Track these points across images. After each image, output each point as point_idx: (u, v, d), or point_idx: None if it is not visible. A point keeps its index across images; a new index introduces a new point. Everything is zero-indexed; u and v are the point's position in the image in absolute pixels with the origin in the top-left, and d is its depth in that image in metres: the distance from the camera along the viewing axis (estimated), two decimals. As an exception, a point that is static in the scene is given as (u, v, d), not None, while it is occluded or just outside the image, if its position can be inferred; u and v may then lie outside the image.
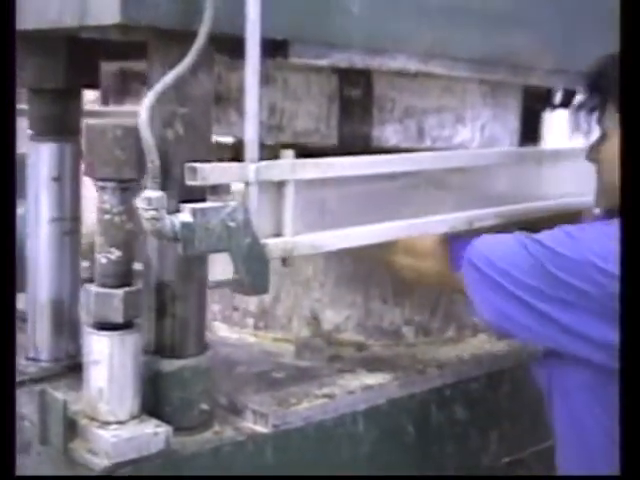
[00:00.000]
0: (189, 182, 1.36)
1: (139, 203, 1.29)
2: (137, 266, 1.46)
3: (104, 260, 1.39)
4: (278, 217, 1.49)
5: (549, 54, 1.88)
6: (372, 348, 1.93)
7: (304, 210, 1.51)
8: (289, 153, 1.47)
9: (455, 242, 1.71)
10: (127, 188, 1.38)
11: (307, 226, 1.52)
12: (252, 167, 1.40)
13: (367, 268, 1.93)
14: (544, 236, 1.55)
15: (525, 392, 1.91)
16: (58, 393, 1.41)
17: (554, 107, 2.23)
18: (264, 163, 1.41)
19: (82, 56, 1.63)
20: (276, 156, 1.49)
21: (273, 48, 1.43)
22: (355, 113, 1.80)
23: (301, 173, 1.49)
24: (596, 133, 1.64)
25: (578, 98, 1.68)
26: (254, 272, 1.39)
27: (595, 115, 1.62)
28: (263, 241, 1.42)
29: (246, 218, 1.36)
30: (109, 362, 1.38)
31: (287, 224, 1.49)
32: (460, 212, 1.81)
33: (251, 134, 1.39)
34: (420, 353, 1.93)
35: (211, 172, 1.36)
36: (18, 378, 1.64)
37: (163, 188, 1.32)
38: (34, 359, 1.72)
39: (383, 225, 1.66)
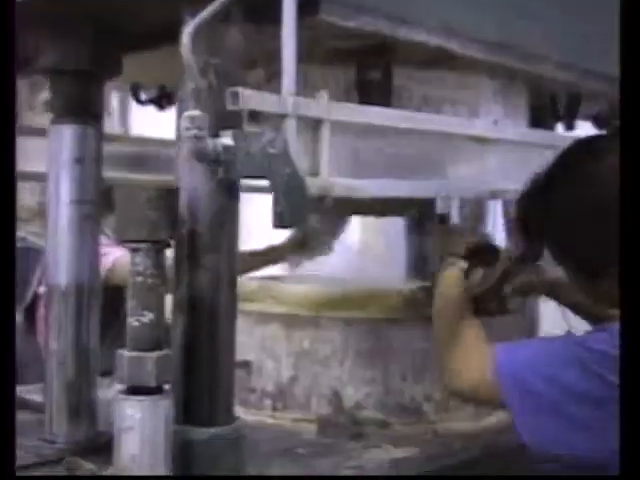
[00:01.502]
0: (230, 107, 1.34)
1: (182, 122, 1.28)
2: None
3: (136, 323, 1.37)
4: (315, 158, 1.47)
5: (559, 47, 1.91)
6: (394, 426, 1.90)
7: (339, 155, 1.50)
8: (323, 94, 1.47)
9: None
10: (160, 250, 1.38)
11: (341, 172, 1.51)
12: (290, 99, 1.40)
13: (386, 344, 1.92)
14: (591, 341, 1.39)
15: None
16: (87, 463, 1.38)
17: (558, 117, 2.25)
18: (301, 98, 1.41)
19: (105, 42, 1.64)
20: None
21: (303, 5, 1.42)
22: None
23: (336, 114, 1.48)
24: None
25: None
26: (294, 203, 1.35)
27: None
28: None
29: (286, 148, 1.35)
30: (141, 428, 1.35)
31: (324, 165, 1.47)
32: (485, 183, 1.82)
33: (289, 67, 1.39)
34: (442, 429, 1.90)
35: (252, 97, 1.35)
36: (35, 459, 1.60)
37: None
38: (50, 442, 1.67)
39: (414, 182, 1.67)
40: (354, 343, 1.92)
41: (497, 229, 2.79)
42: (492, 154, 1.84)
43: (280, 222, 1.36)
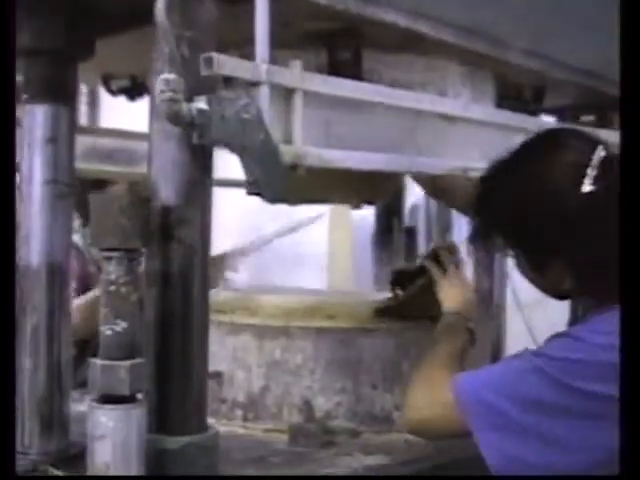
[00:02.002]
0: (204, 73, 1.35)
1: (157, 85, 1.29)
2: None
3: (109, 332, 1.37)
4: (287, 127, 1.49)
5: (527, 35, 1.94)
6: (364, 435, 1.91)
7: (311, 125, 1.52)
8: (297, 63, 1.49)
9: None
10: (133, 258, 1.38)
11: (313, 142, 1.53)
12: (264, 67, 1.41)
13: (356, 354, 1.94)
14: (549, 349, 1.41)
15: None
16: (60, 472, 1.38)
17: (523, 105, 2.27)
18: (275, 66, 1.43)
19: (79, 23, 1.64)
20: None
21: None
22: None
23: (309, 84, 1.50)
24: None
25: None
26: (268, 169, 1.37)
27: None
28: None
29: (259, 114, 1.36)
30: (114, 436, 1.35)
31: (296, 134, 1.49)
32: (456, 160, 1.84)
33: (262, 34, 1.41)
34: (413, 438, 1.91)
35: (226, 63, 1.36)
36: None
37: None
38: (23, 453, 1.66)
39: (387, 156, 1.68)
40: (325, 353, 1.94)
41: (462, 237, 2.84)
42: (462, 133, 1.87)
43: (254, 189, 1.37)
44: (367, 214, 3.32)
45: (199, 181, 1.44)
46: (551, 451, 1.35)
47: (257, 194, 1.40)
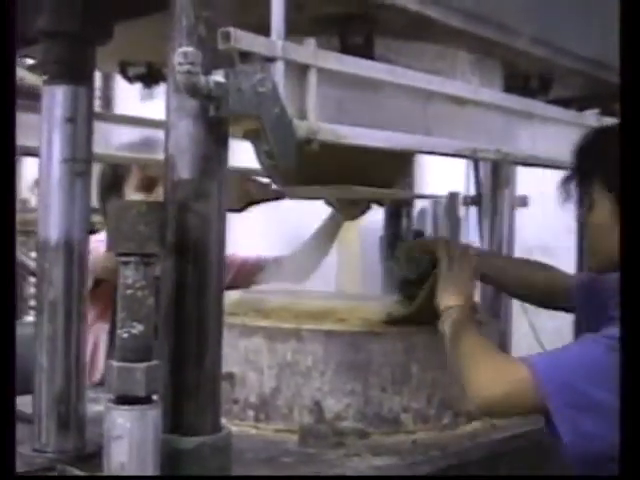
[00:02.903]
0: (222, 47, 1.37)
1: (175, 58, 1.32)
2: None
3: (125, 335, 1.41)
4: (302, 103, 1.51)
5: (535, 23, 1.97)
6: (373, 436, 1.95)
7: (325, 102, 1.53)
8: (311, 41, 1.51)
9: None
10: (149, 263, 1.42)
11: (327, 119, 1.55)
12: (279, 43, 1.44)
13: (366, 357, 1.97)
14: (609, 332, 1.51)
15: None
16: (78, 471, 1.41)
17: (531, 94, 2.29)
18: (289, 43, 1.45)
19: (97, 6, 1.68)
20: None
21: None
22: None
23: (323, 61, 1.52)
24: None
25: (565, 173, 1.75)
26: (282, 142, 1.40)
27: (583, 187, 1.70)
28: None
29: (275, 88, 1.39)
30: (130, 436, 1.39)
31: (311, 110, 1.51)
32: (466, 141, 1.86)
33: (277, 11, 1.43)
34: (420, 439, 1.95)
35: (243, 38, 1.38)
36: (25, 468, 1.63)
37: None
38: (40, 451, 1.70)
39: (398, 134, 1.69)
40: (335, 355, 1.96)
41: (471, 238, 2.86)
42: (471, 116, 1.88)
43: (269, 163, 1.41)
44: (376, 217, 3.35)
45: (215, 155, 1.47)
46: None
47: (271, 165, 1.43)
